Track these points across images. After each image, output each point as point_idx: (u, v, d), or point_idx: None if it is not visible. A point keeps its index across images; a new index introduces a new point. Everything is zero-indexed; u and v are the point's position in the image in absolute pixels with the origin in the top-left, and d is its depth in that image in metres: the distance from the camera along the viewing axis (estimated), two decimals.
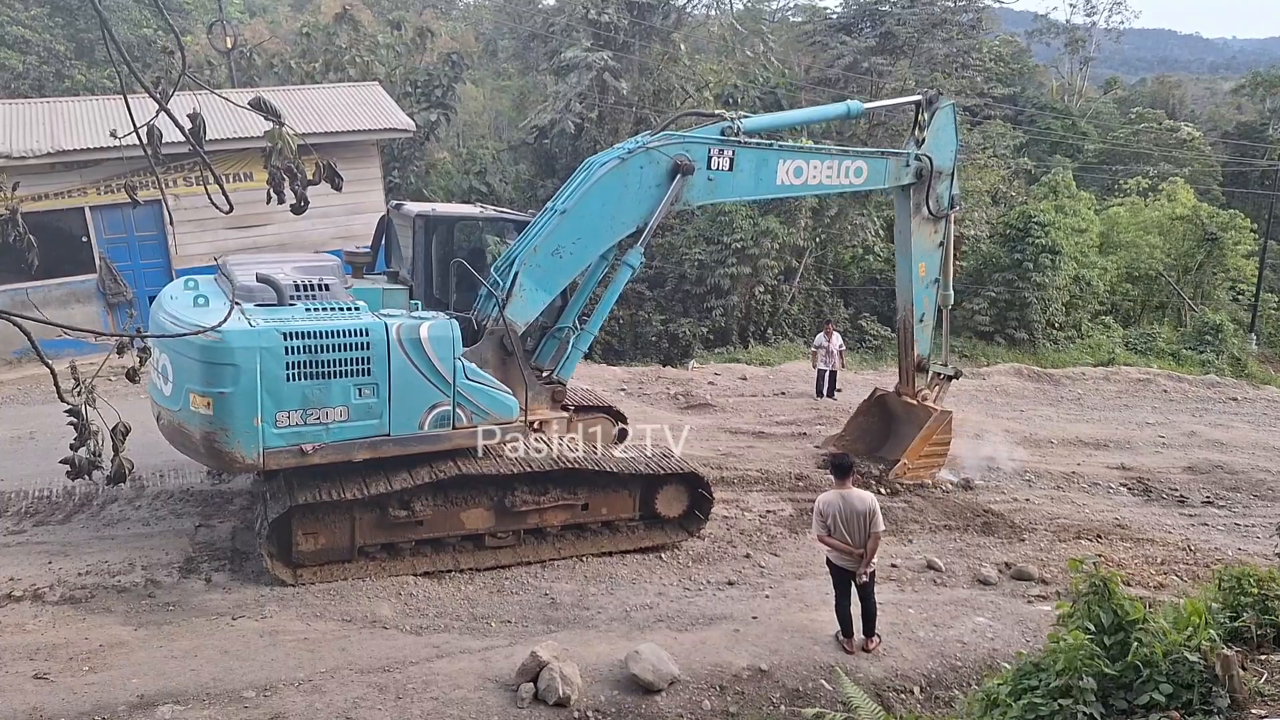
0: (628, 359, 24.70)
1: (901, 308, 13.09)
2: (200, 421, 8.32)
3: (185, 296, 9.06)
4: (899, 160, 11.98)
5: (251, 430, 8.31)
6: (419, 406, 9.10)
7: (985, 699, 5.36)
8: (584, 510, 10.19)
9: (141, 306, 18.33)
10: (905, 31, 31.69)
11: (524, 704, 7.04)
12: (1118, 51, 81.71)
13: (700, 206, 12.01)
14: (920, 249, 12.57)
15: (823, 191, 11.44)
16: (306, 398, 8.49)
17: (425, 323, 9.04)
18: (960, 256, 31.25)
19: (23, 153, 16.55)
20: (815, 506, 8.00)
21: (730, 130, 10.60)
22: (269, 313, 8.62)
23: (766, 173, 10.95)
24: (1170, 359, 27.94)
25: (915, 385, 13.25)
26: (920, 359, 13.12)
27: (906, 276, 12.81)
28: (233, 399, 8.20)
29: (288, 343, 8.33)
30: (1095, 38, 64.49)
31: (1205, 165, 44.65)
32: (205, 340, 7.95)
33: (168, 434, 9.01)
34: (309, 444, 8.59)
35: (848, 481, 7.91)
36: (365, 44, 31.88)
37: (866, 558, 7.73)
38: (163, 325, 8.78)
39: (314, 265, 9.85)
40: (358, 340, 8.66)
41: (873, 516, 7.68)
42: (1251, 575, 5.78)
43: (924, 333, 12.99)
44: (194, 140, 3.69)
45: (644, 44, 30.89)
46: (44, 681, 7.16)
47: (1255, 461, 15.16)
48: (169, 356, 8.59)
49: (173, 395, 8.60)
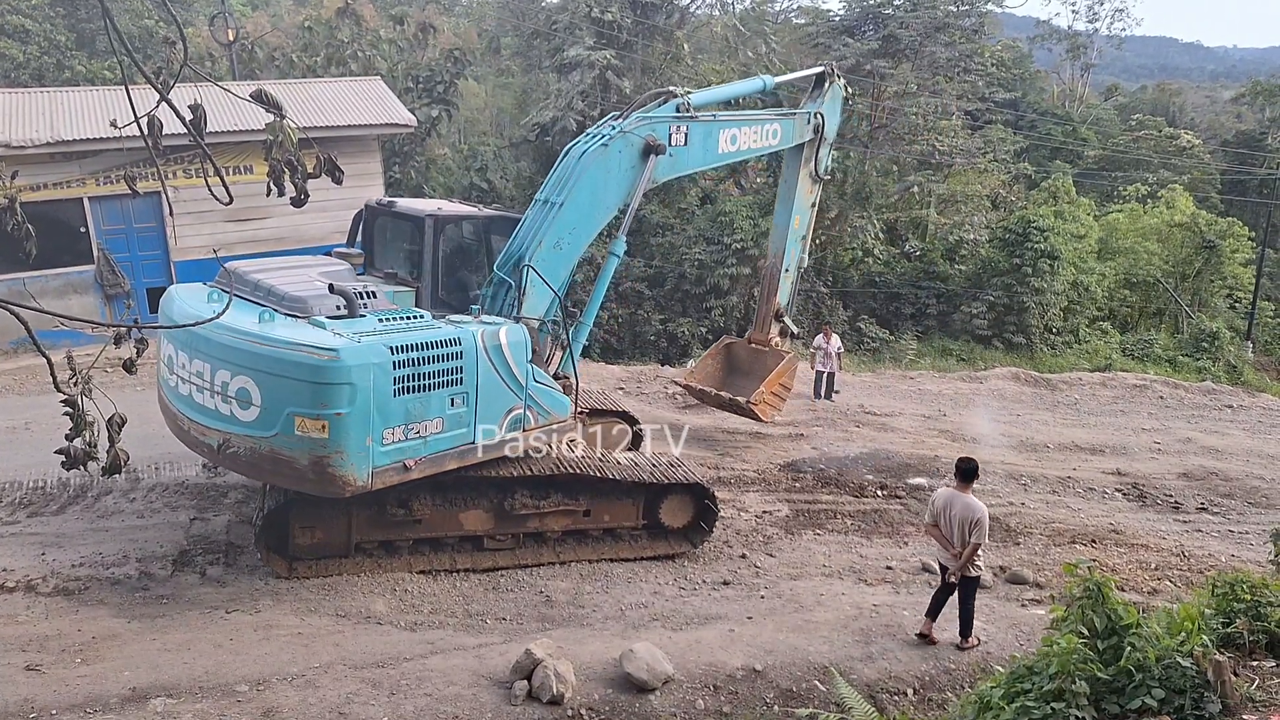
0: (626, 358, 24.69)
1: (771, 255, 14.10)
2: (310, 446, 7.74)
3: (245, 311, 8.34)
4: (803, 118, 13.15)
5: (364, 451, 7.90)
6: (499, 412, 9.04)
7: (978, 701, 5.37)
8: (585, 516, 10.12)
9: (139, 298, 18.31)
10: (908, 35, 31.65)
11: (518, 701, 7.04)
12: (1119, 58, 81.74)
13: (665, 183, 12.84)
14: (800, 204, 13.74)
15: (751, 155, 12.77)
16: (409, 412, 8.18)
17: (503, 328, 9.01)
18: (960, 260, 31.34)
19: (22, 142, 16.52)
20: (932, 499, 8.29)
21: (684, 106, 10.98)
22: (346, 325, 8.21)
23: (711, 143, 11.54)
24: (1167, 365, 27.97)
25: (769, 332, 14.12)
26: (779, 308, 14.02)
27: (784, 227, 13.86)
28: (349, 420, 7.74)
29: (394, 357, 7.99)
30: (1097, 44, 64.62)
31: (1204, 173, 44.72)
32: (316, 360, 7.59)
33: (234, 463, 8.26)
34: (410, 459, 8.29)
35: (968, 487, 8.11)
36: (367, 39, 31.85)
37: (960, 561, 7.95)
38: (229, 343, 7.97)
39: (336, 270, 9.66)
40: (452, 350, 8.48)
41: (976, 526, 7.91)
42: (1244, 582, 5.80)
43: (787, 283, 14.03)
44: (194, 131, 3.68)
45: (647, 43, 30.88)
46: (36, 673, 7.15)
47: (1250, 468, 15.19)
48: (252, 378, 7.85)
49: (259, 420, 7.87)
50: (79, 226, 17.66)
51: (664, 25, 31.31)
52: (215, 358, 8.05)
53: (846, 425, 15.94)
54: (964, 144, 33.71)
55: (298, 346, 7.70)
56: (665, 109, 10.83)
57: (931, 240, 33.10)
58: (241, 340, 7.92)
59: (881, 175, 32.70)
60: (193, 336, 8.20)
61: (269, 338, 7.86)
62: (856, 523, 11.77)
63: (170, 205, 17.28)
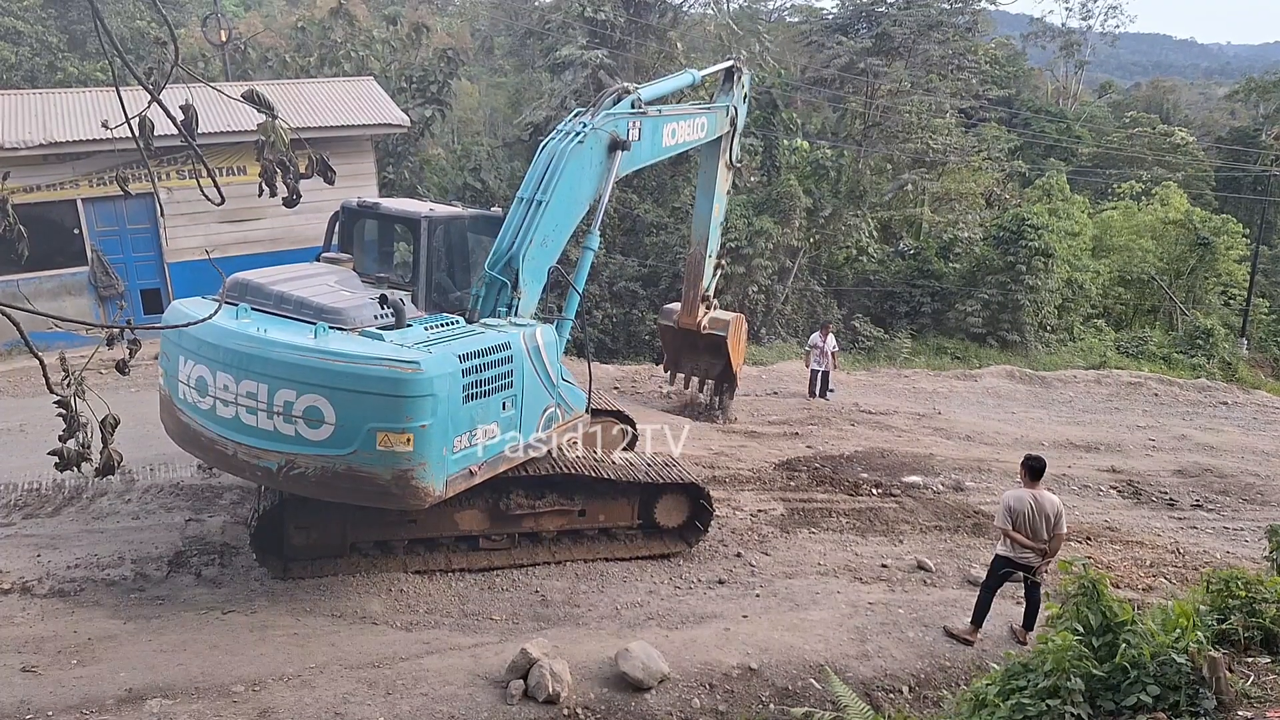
0: (620, 358, 24.69)
1: (696, 242, 14.78)
2: (394, 461, 7.62)
3: (293, 329, 8.09)
4: (722, 111, 13.84)
5: (441, 460, 7.89)
6: (538, 411, 9.18)
7: (974, 699, 5.38)
8: (580, 516, 10.13)
9: (133, 299, 18.27)
10: (901, 33, 31.71)
11: (514, 701, 7.04)
12: (1113, 56, 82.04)
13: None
14: (719, 192, 14.50)
15: (685, 148, 13.25)
16: (474, 418, 8.22)
17: (538, 329, 9.13)
18: (954, 259, 31.38)
19: (14, 144, 16.46)
20: (1004, 501, 8.25)
21: (638, 102, 11.25)
22: (400, 336, 8.14)
23: (658, 138, 11.92)
24: (1161, 363, 28.03)
25: (697, 315, 14.83)
26: (704, 291, 14.78)
27: (706, 215, 14.62)
28: (432, 431, 7.71)
29: (463, 365, 8.02)
30: (1090, 42, 64.73)
31: (1198, 170, 44.85)
32: (400, 374, 7.51)
33: (300, 484, 7.90)
34: (475, 465, 8.34)
35: (1039, 484, 8.18)
36: (360, 39, 31.77)
37: (1049, 555, 8.03)
38: (293, 361, 7.67)
39: (342, 276, 9.58)
40: (505, 354, 8.56)
41: (1059, 519, 8.03)
42: (1239, 578, 5.83)
43: (710, 268, 14.77)
44: (186, 132, 3.67)
45: (640, 42, 30.87)
46: (32, 674, 7.14)
47: (1244, 465, 15.24)
48: (326, 396, 7.58)
49: (333, 438, 7.64)
50: (72, 228, 17.60)
51: (657, 24, 31.30)
52: (274, 376, 7.70)
53: (841, 424, 15.97)
54: (958, 142, 33.79)
55: (379, 361, 7.58)
56: (622, 105, 11.07)
57: (926, 239, 33.16)
58: (309, 358, 7.65)
59: (875, 174, 32.76)
60: (238, 356, 7.88)
61: (344, 353, 7.65)
62: (852, 521, 11.79)
63: (162, 207, 17.22)
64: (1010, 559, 8.20)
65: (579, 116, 10.70)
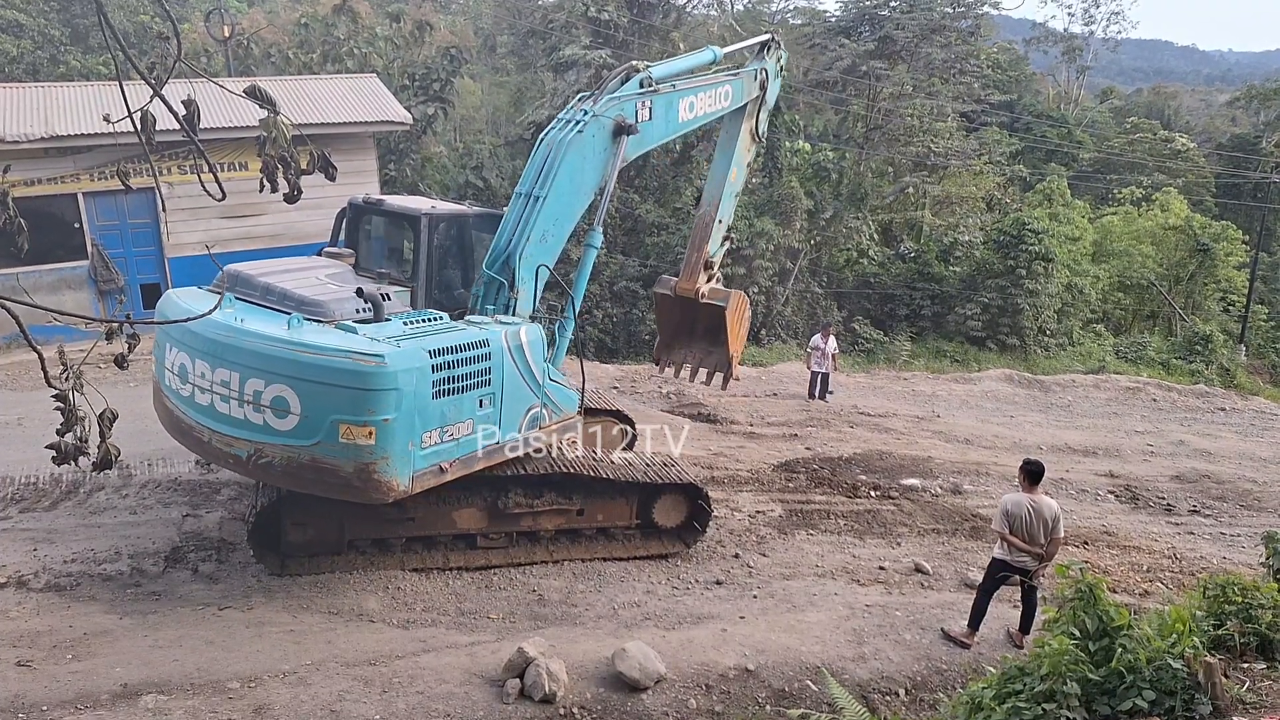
0: (621, 357, 24.69)
1: (706, 204, 13.70)
2: (356, 453, 7.65)
3: (271, 319, 8.14)
4: (750, 74, 13.06)
5: (407, 455, 7.88)
6: (520, 410, 9.10)
7: (970, 702, 5.38)
8: (579, 516, 10.11)
9: (133, 294, 18.26)
10: (904, 36, 31.76)
11: (509, 700, 7.04)
12: (1115, 61, 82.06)
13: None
14: (739, 158, 13.51)
15: (706, 120, 12.54)
16: (445, 415, 8.17)
17: (522, 328, 9.06)
18: (954, 262, 31.40)
19: (16, 137, 16.45)
20: (1002, 505, 8.27)
21: (646, 80, 10.90)
22: (377, 330, 8.13)
23: (673, 114, 11.47)
24: (1160, 368, 28.07)
25: (696, 281, 13.52)
26: (709, 257, 13.62)
27: (720, 178, 13.56)
28: (396, 425, 7.70)
29: (433, 360, 7.99)
30: (1092, 47, 64.76)
31: (1199, 176, 44.93)
32: (363, 366, 7.53)
33: (267, 474, 8.01)
34: (446, 462, 8.30)
35: (1037, 488, 8.20)
36: (363, 36, 31.77)
37: (1047, 559, 8.07)
38: (263, 351, 7.72)
39: (337, 271, 9.57)
40: (482, 352, 8.50)
41: (1056, 523, 8.06)
42: (1236, 584, 5.82)
43: (718, 234, 13.64)
44: (188, 126, 3.67)
45: (643, 42, 30.87)
46: (27, 669, 7.13)
47: (1242, 471, 15.24)
48: (291, 386, 7.61)
49: (298, 429, 7.67)
50: (73, 222, 17.58)
51: (660, 25, 31.32)
52: (245, 366, 7.77)
53: (840, 426, 15.97)
54: (959, 146, 33.82)
55: (343, 353, 7.57)
56: (630, 86, 10.78)
57: (926, 242, 33.18)
58: (278, 348, 7.69)
59: (877, 176, 32.80)
60: (215, 344, 7.95)
61: (311, 344, 7.68)
62: (849, 523, 11.79)
63: (164, 201, 17.18)
64: (1007, 562, 8.22)
65: (582, 102, 10.41)
